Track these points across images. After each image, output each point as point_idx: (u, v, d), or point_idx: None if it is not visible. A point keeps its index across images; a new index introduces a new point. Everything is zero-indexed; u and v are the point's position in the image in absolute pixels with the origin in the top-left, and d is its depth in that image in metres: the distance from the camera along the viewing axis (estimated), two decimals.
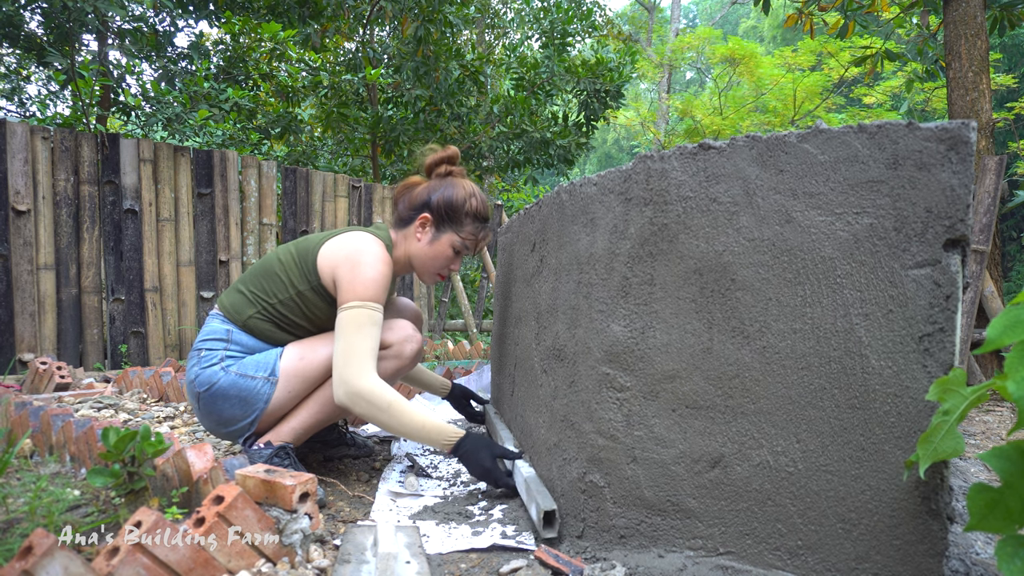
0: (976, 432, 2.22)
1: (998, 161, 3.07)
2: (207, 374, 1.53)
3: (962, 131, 0.88)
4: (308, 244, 1.60)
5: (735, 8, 22.92)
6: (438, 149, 1.74)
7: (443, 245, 1.65)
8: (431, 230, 1.65)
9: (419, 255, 1.67)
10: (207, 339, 1.57)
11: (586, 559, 1.12)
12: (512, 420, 1.71)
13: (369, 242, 1.55)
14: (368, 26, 6.81)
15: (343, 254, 1.53)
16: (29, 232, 3.53)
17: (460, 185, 1.67)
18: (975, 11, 3.23)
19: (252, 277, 1.62)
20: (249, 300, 1.59)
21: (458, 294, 5.30)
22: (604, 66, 6.72)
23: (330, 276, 1.54)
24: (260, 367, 1.52)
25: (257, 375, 1.52)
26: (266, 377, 1.51)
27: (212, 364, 1.53)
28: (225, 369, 1.52)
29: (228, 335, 1.57)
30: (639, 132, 13.42)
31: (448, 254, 1.66)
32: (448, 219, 1.65)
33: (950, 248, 0.89)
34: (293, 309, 1.58)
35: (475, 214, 1.66)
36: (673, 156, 1.09)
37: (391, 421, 1.41)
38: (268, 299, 1.58)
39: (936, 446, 0.79)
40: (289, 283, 1.58)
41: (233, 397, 1.51)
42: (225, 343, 1.56)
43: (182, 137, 5.15)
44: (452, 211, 1.64)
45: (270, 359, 1.53)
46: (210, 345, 1.56)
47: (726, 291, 1.03)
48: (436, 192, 1.65)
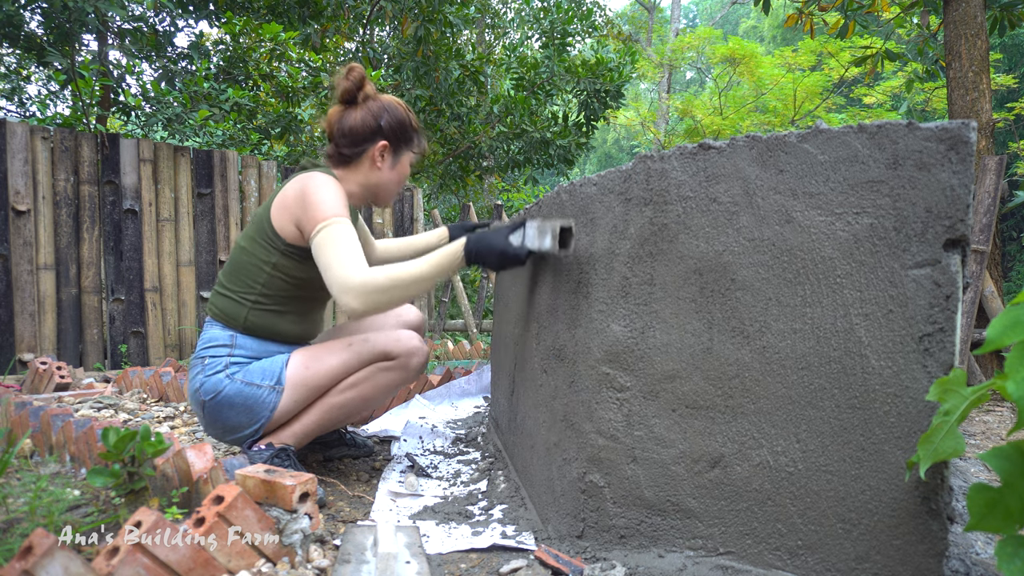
0: (976, 432, 2.22)
1: (998, 161, 3.07)
2: (212, 382, 1.51)
3: (962, 131, 0.88)
4: (259, 216, 1.58)
5: (735, 8, 22.92)
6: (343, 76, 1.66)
7: (404, 166, 1.69)
8: (390, 156, 1.66)
9: (384, 182, 1.67)
10: (210, 346, 1.56)
11: (586, 559, 1.12)
12: (512, 420, 1.71)
13: (314, 174, 1.52)
14: (368, 26, 6.81)
15: (290, 198, 1.50)
16: (29, 232, 3.52)
17: (394, 103, 1.65)
18: (975, 11, 3.23)
19: (228, 277, 1.59)
20: (236, 301, 1.56)
21: (458, 294, 5.30)
22: (604, 66, 6.71)
23: (290, 226, 1.51)
24: (266, 375, 1.51)
25: (263, 383, 1.50)
26: (272, 386, 1.50)
27: (217, 371, 1.52)
28: (231, 377, 1.51)
29: (232, 340, 1.56)
30: (639, 132, 13.42)
31: (407, 172, 1.71)
32: (403, 140, 1.66)
33: (950, 248, 0.89)
34: (279, 286, 1.56)
35: (418, 126, 1.70)
36: (673, 156, 1.09)
37: (409, 286, 1.37)
38: (252, 290, 1.55)
39: (936, 446, 0.79)
40: (262, 262, 1.55)
41: (239, 405, 1.50)
42: (229, 348, 1.55)
43: (182, 137, 5.15)
44: (404, 131, 1.66)
45: (276, 366, 1.52)
46: (214, 352, 1.55)
47: (726, 291, 1.03)
48: (381, 118, 1.62)
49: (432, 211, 5.42)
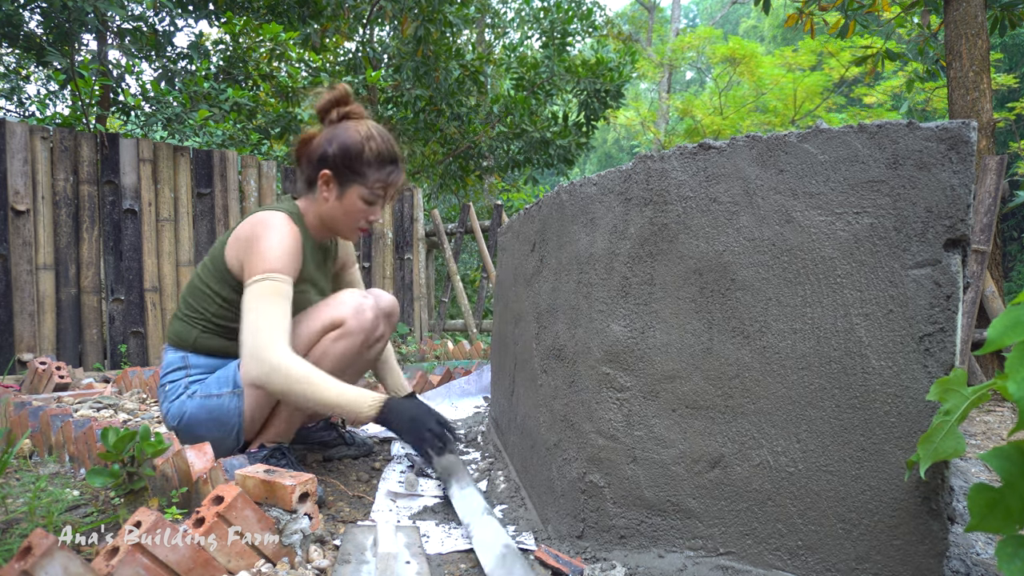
0: (977, 432, 2.22)
1: (999, 161, 3.07)
2: (176, 407, 1.50)
3: (963, 131, 0.88)
4: (217, 248, 1.54)
5: (735, 8, 22.91)
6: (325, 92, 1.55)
7: (351, 200, 1.50)
8: (335, 187, 1.50)
9: (330, 215, 1.53)
10: (167, 372, 1.55)
11: (586, 559, 1.12)
12: (512, 420, 1.71)
13: (267, 216, 1.45)
14: (368, 26, 6.81)
15: (243, 238, 1.45)
16: (28, 232, 3.52)
17: (353, 129, 1.48)
18: (976, 11, 3.23)
19: (184, 300, 1.58)
20: (188, 324, 1.55)
21: (458, 294, 5.30)
22: (604, 66, 6.71)
23: (237, 264, 1.46)
24: (222, 382, 1.49)
25: (222, 392, 1.48)
26: (231, 391, 1.48)
27: (179, 395, 1.51)
28: (191, 396, 1.49)
29: (184, 361, 1.54)
30: (639, 132, 13.43)
31: (359, 208, 1.51)
32: (349, 170, 1.48)
33: (950, 248, 0.89)
34: (227, 317, 1.54)
35: (377, 158, 1.48)
36: (673, 156, 1.09)
37: (308, 393, 1.30)
38: (203, 315, 1.54)
39: (937, 446, 0.79)
40: (214, 293, 1.52)
41: (206, 421, 1.48)
42: (184, 370, 1.53)
43: (182, 137, 5.15)
44: (350, 161, 1.47)
45: (230, 372, 1.50)
46: (171, 377, 1.54)
47: (726, 291, 1.03)
48: (331, 144, 1.48)
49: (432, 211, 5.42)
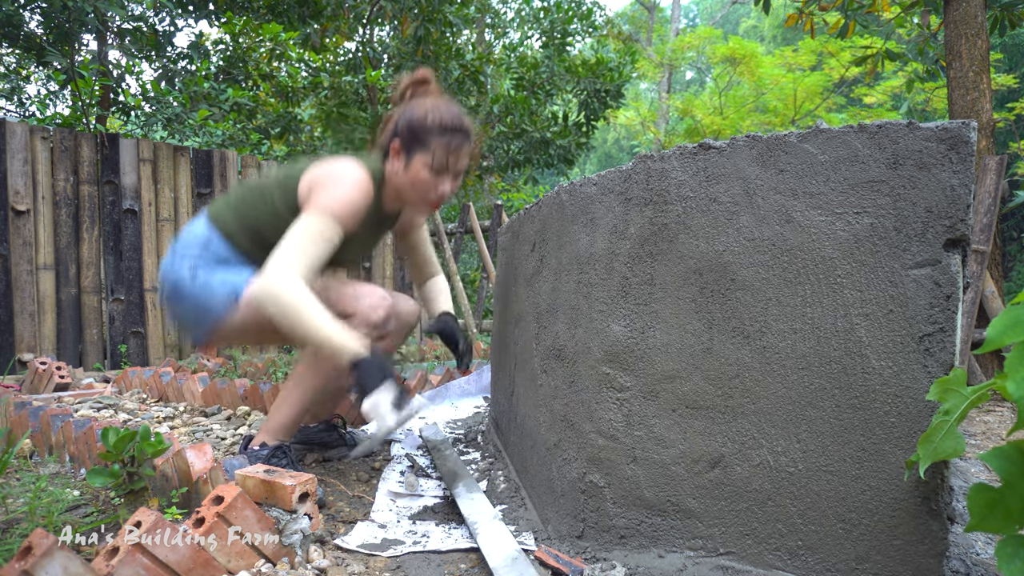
0: (976, 432, 2.22)
1: (999, 161, 3.07)
2: (175, 273, 1.55)
3: (962, 131, 0.88)
4: (296, 168, 1.60)
5: (735, 8, 22.91)
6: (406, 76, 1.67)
7: (416, 169, 1.56)
8: (403, 156, 1.57)
9: (399, 185, 1.61)
10: (188, 238, 1.59)
11: (586, 559, 1.12)
12: (512, 420, 1.71)
13: (350, 167, 1.53)
14: (368, 26, 6.81)
15: (322, 175, 1.52)
16: (28, 232, 3.52)
17: (420, 102, 1.58)
18: (976, 11, 3.23)
19: (242, 189, 1.63)
20: (233, 212, 1.59)
21: (458, 294, 5.30)
22: (604, 66, 6.71)
23: (305, 194, 1.53)
24: (227, 285, 1.52)
25: (219, 292, 1.52)
26: (227, 297, 1.51)
27: (183, 265, 1.55)
28: (193, 275, 1.54)
29: (207, 243, 1.57)
30: (639, 132, 13.43)
31: (425, 177, 1.56)
32: (414, 140, 1.55)
33: (950, 248, 0.89)
34: (269, 226, 1.57)
35: (440, 127, 1.54)
36: (673, 156, 1.09)
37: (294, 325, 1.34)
38: (250, 213, 1.58)
39: (936, 446, 0.79)
40: (271, 201, 1.57)
41: (190, 305, 1.54)
42: (202, 249, 1.57)
43: (182, 137, 5.15)
44: (414, 131, 1.55)
45: (239, 280, 1.52)
46: (187, 245, 1.58)
47: (726, 291, 1.03)
48: (402, 117, 1.58)
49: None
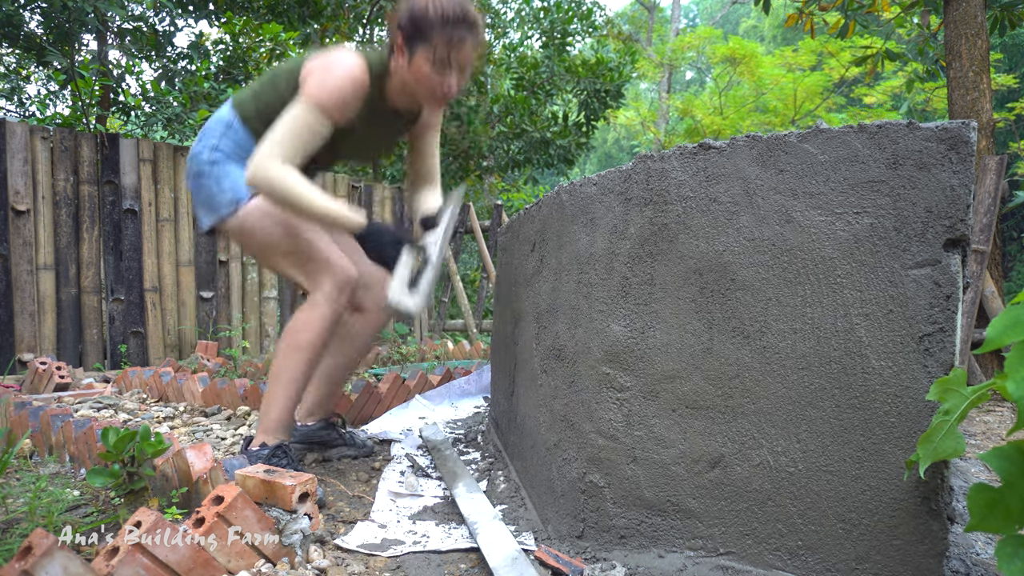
0: (976, 432, 2.22)
1: (999, 161, 3.07)
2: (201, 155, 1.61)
3: (962, 131, 0.88)
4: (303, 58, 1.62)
5: (735, 8, 22.90)
6: None
7: (419, 65, 1.53)
8: (406, 51, 1.54)
9: (404, 80, 1.59)
10: (213, 122, 1.64)
11: (586, 559, 1.12)
12: (512, 420, 1.71)
13: (344, 56, 1.54)
14: (368, 26, 6.81)
15: (317, 64, 1.54)
16: (29, 232, 3.52)
17: None
18: (976, 11, 3.23)
19: (263, 76, 1.67)
20: (252, 96, 1.64)
21: (458, 294, 5.30)
22: (604, 66, 6.71)
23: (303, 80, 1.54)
24: (236, 189, 1.58)
25: (226, 191, 1.58)
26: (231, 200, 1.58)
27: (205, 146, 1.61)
28: (212, 160, 1.60)
29: (229, 125, 1.62)
30: (639, 132, 13.43)
31: (426, 73, 1.53)
32: (416, 33, 1.51)
33: (950, 248, 0.89)
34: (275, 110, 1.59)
35: (441, 18, 1.50)
36: (673, 156, 1.09)
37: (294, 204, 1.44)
38: (265, 99, 1.62)
39: (936, 446, 0.79)
40: (280, 88, 1.60)
41: (204, 193, 1.61)
42: (224, 129, 1.62)
43: (182, 137, 5.15)
44: (416, 23, 1.51)
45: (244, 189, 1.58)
46: (212, 127, 1.64)
47: (726, 291, 1.03)
48: (406, 11, 1.54)
49: None
